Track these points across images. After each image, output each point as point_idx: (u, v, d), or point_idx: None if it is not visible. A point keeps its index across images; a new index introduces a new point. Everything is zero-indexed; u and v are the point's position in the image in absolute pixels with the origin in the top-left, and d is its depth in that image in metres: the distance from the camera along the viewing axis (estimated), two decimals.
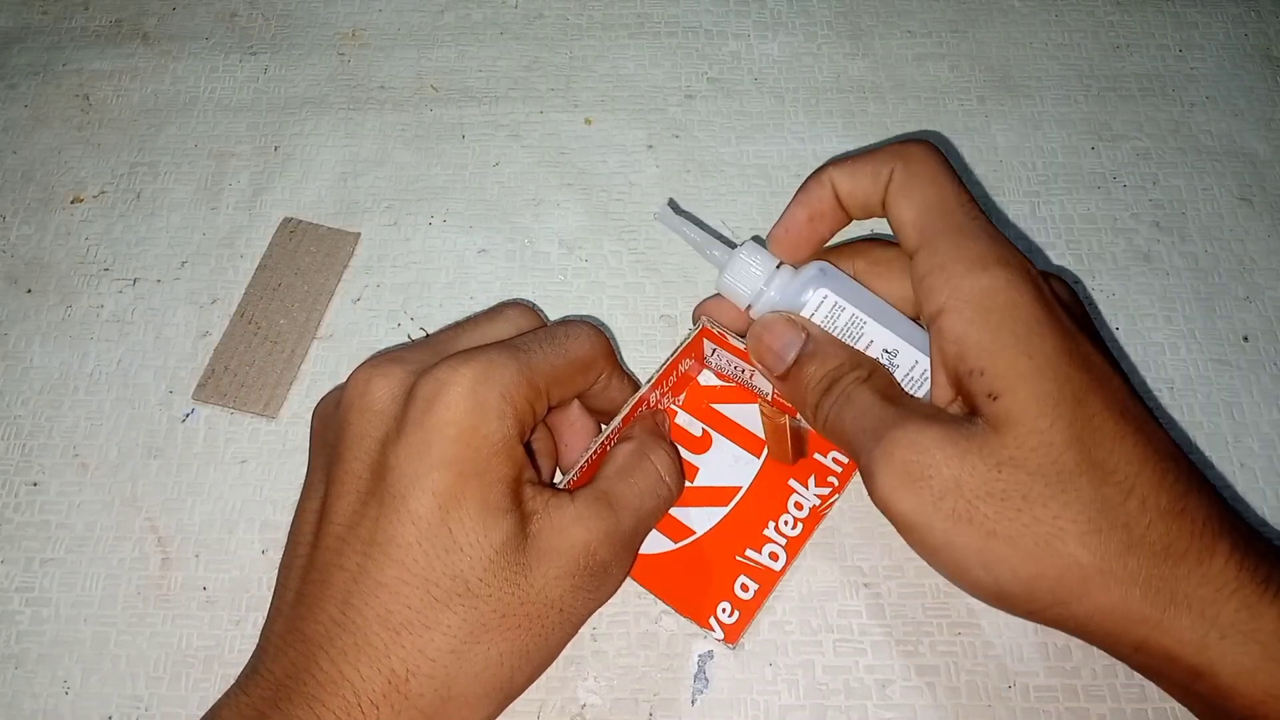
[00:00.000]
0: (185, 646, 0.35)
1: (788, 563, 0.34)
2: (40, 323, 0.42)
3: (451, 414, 0.27)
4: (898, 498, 0.27)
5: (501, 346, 0.30)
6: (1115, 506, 0.25)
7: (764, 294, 0.32)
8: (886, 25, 0.49)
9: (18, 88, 0.49)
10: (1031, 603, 0.26)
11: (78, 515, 0.38)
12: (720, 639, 0.33)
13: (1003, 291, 0.27)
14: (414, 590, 0.27)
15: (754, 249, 0.32)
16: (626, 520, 0.30)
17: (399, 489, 0.27)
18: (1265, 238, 0.43)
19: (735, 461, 0.36)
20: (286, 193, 0.45)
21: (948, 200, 0.29)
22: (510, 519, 0.28)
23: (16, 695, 0.34)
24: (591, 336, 0.32)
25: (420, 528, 0.27)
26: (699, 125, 0.47)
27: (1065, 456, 0.26)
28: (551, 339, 0.31)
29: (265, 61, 0.49)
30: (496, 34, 0.50)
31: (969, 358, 0.27)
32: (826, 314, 0.31)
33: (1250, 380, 0.40)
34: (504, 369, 0.28)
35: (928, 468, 0.26)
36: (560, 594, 0.28)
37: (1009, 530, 0.25)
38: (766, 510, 0.35)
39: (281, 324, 0.41)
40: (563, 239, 0.44)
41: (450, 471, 0.27)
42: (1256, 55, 0.48)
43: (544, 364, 0.30)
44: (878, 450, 0.27)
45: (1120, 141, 0.46)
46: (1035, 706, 0.33)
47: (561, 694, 0.34)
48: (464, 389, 0.28)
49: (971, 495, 0.26)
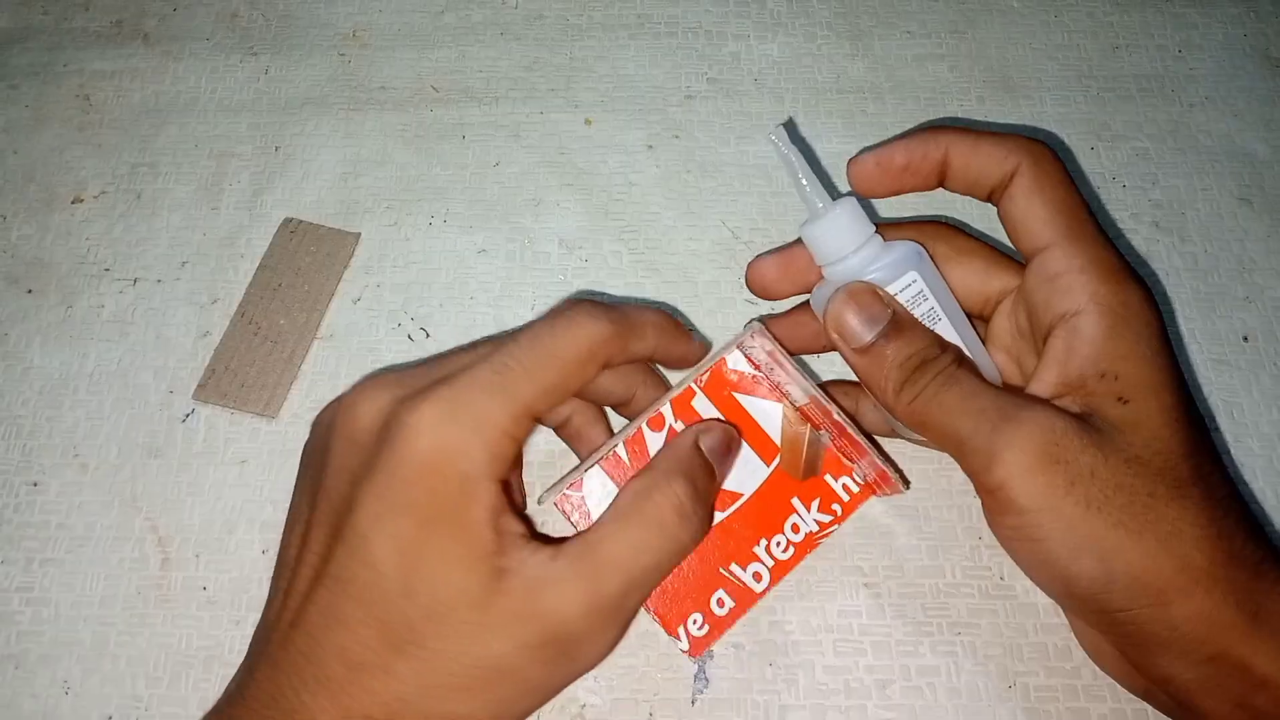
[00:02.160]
0: (185, 646, 0.35)
1: (769, 586, 0.33)
2: (40, 323, 0.42)
3: (414, 454, 0.26)
4: (1027, 479, 0.26)
5: (478, 368, 0.27)
6: (1220, 519, 0.27)
7: (848, 260, 0.30)
8: (886, 26, 0.49)
9: (18, 88, 0.49)
10: (1132, 599, 0.27)
11: (78, 515, 0.38)
12: (685, 649, 0.32)
13: (1140, 306, 0.28)
14: (371, 631, 0.26)
15: (855, 209, 0.30)
16: (612, 584, 0.27)
17: (363, 529, 0.26)
18: (1265, 238, 0.43)
19: (744, 465, 0.33)
20: (287, 193, 0.45)
21: (1078, 206, 0.29)
22: (475, 574, 0.26)
23: (16, 695, 0.34)
24: (583, 326, 0.29)
25: (379, 571, 0.26)
26: (699, 125, 0.47)
27: (1182, 466, 0.27)
28: (534, 344, 0.28)
29: (266, 62, 0.49)
30: (497, 34, 0.50)
31: (1103, 360, 0.28)
32: (908, 299, 0.30)
33: (1250, 380, 0.40)
34: (475, 398, 0.27)
35: (1066, 451, 0.26)
36: (522, 665, 0.26)
37: (1135, 524, 0.26)
38: (762, 527, 0.33)
39: (282, 324, 0.41)
40: (563, 239, 0.44)
41: (411, 518, 0.26)
42: (1256, 55, 0.48)
43: (525, 382, 0.27)
44: (1008, 430, 0.27)
45: (1120, 142, 0.46)
46: (1035, 706, 0.33)
47: (561, 694, 0.34)
48: (429, 425, 0.26)
49: (1105, 484, 0.26)
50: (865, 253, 0.30)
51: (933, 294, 0.30)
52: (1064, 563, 0.27)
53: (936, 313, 0.30)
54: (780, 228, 0.44)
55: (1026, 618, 0.35)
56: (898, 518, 0.37)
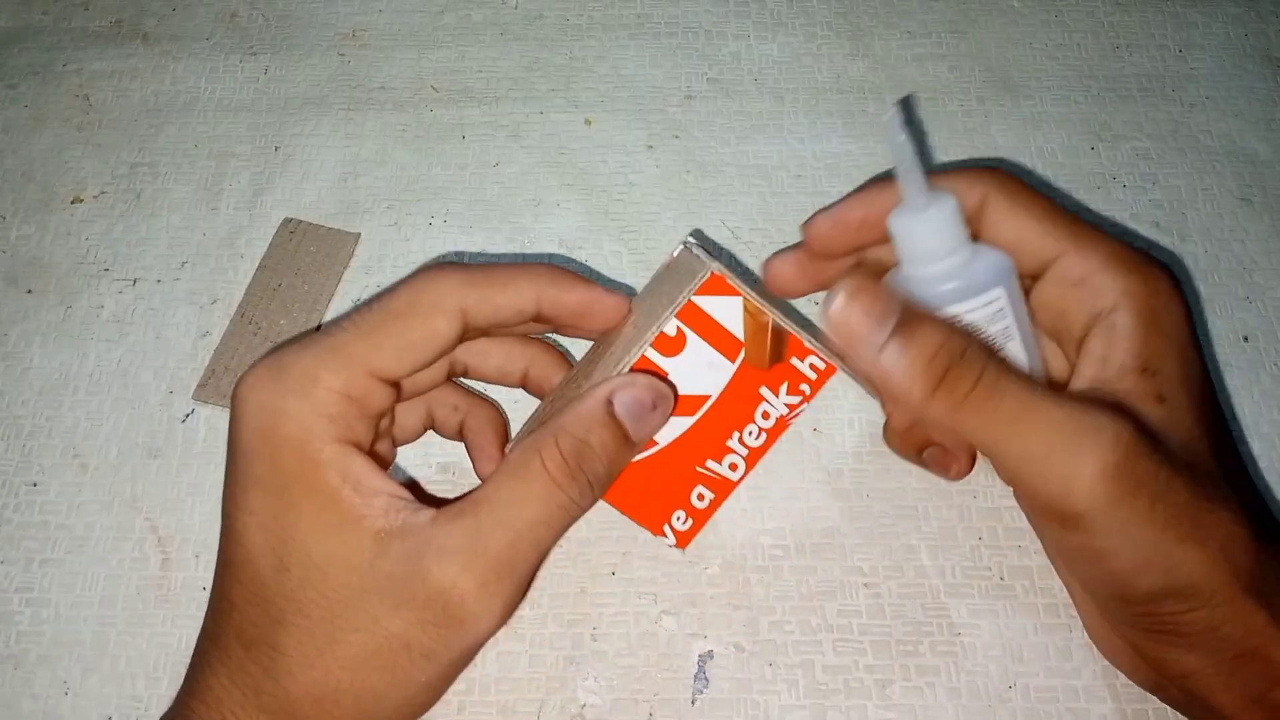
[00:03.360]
0: (185, 646, 0.35)
1: (745, 473, 0.33)
2: (40, 323, 0.42)
3: (247, 426, 0.26)
4: (1112, 508, 0.25)
5: (315, 336, 0.27)
6: (1252, 519, 0.27)
7: (935, 264, 0.27)
8: (886, 25, 0.49)
9: (18, 88, 0.49)
10: (1185, 603, 0.26)
11: (78, 515, 0.38)
12: (672, 544, 0.33)
13: (1169, 294, 0.28)
14: (257, 609, 0.26)
15: (954, 213, 0.27)
16: (496, 541, 0.25)
17: (229, 510, 0.26)
18: (1265, 238, 0.43)
19: (709, 368, 0.31)
20: (287, 193, 0.45)
21: (1064, 212, 0.29)
22: (347, 538, 0.25)
23: (16, 695, 0.34)
24: (426, 279, 0.27)
25: (249, 549, 0.26)
26: (699, 125, 0.47)
27: (1212, 465, 0.27)
28: (375, 305, 0.27)
29: (265, 62, 0.49)
30: (496, 34, 0.50)
31: (1144, 355, 0.27)
32: (986, 316, 0.28)
33: (1250, 380, 0.40)
34: (300, 361, 0.26)
35: (1143, 471, 0.25)
36: (412, 633, 0.25)
37: (1200, 535, 0.26)
38: (733, 421, 0.32)
39: (282, 324, 0.41)
40: (563, 239, 0.44)
41: (260, 491, 0.25)
42: (1256, 55, 0.48)
43: (358, 341, 0.26)
44: (1086, 450, 0.25)
45: (1120, 142, 0.46)
46: (1035, 707, 0.33)
47: (561, 694, 0.34)
48: (254, 392, 0.26)
49: (1177, 499, 0.26)
50: (953, 260, 0.28)
51: (1012, 312, 0.28)
52: (1127, 576, 0.27)
53: (1010, 332, 0.28)
54: (780, 227, 0.43)
55: (1026, 618, 0.35)
56: (898, 518, 0.37)
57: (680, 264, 0.31)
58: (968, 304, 0.28)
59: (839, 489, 0.37)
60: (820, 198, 0.44)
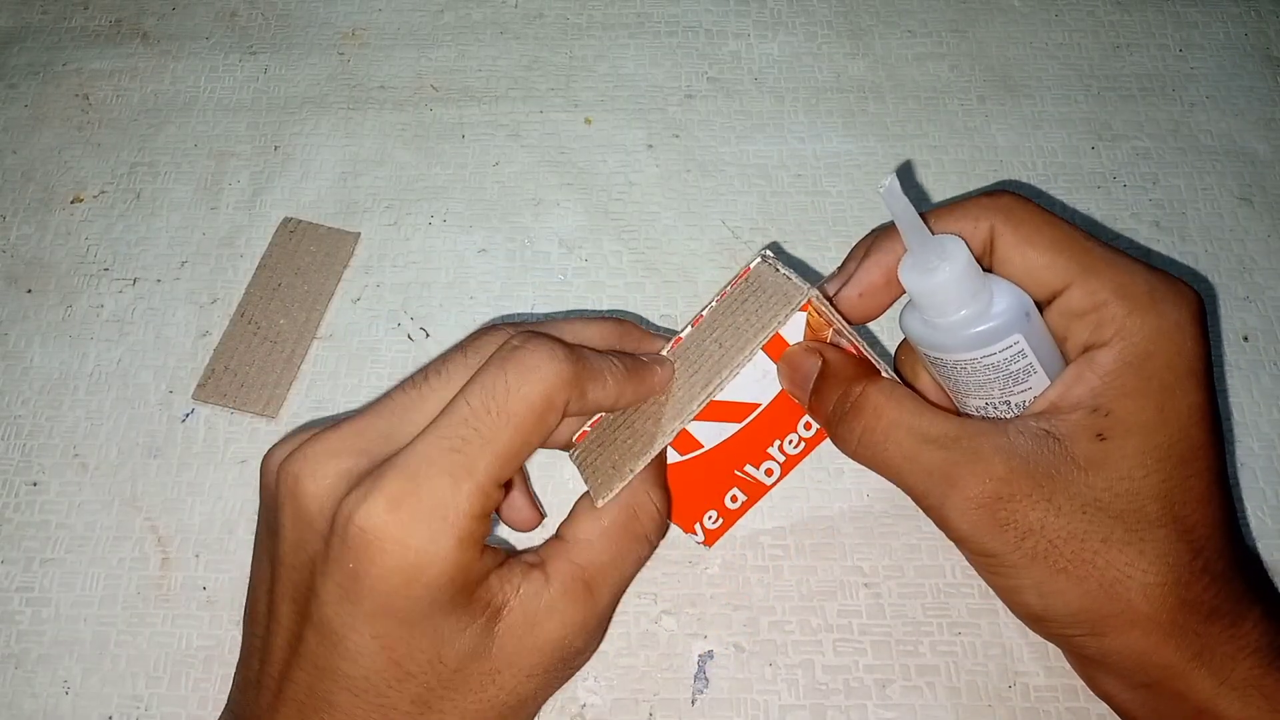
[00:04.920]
0: (185, 646, 0.35)
1: (780, 478, 0.33)
2: (40, 323, 0.42)
3: (380, 561, 0.24)
4: (981, 538, 0.27)
5: (431, 443, 0.25)
6: (1184, 564, 0.26)
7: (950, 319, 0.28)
8: (886, 25, 0.49)
9: (18, 88, 0.49)
10: (1067, 628, 0.27)
11: (78, 515, 0.38)
12: (700, 540, 0.33)
13: (1171, 333, 0.27)
14: (370, 712, 0.25)
15: (967, 266, 0.27)
16: (605, 599, 0.28)
17: (335, 626, 0.25)
18: (1265, 238, 0.43)
19: (762, 376, 0.31)
20: (286, 193, 0.45)
21: (1076, 237, 0.28)
22: (469, 634, 0.25)
23: (16, 695, 0.34)
24: (538, 371, 0.26)
25: (364, 665, 0.25)
26: (699, 125, 0.47)
27: (1150, 507, 0.26)
28: (489, 402, 0.25)
29: (265, 61, 0.49)
30: (496, 34, 0.50)
31: (1103, 395, 0.27)
32: (1007, 357, 0.28)
33: (1250, 380, 0.40)
34: (435, 487, 0.24)
35: (1013, 512, 0.26)
36: (533, 690, 0.27)
37: (1080, 571, 0.26)
38: (776, 429, 0.33)
39: (281, 324, 0.41)
40: (563, 239, 0.44)
41: (390, 619, 0.25)
42: (1256, 55, 0.48)
43: (485, 455, 0.25)
44: (954, 495, 0.27)
45: (1120, 141, 0.46)
46: (1035, 706, 0.33)
47: (561, 694, 0.34)
48: (390, 527, 0.24)
49: (1055, 535, 0.26)
50: (968, 312, 0.28)
51: (1033, 352, 0.28)
52: (1007, 591, 0.28)
53: (1032, 368, 0.29)
54: (780, 227, 0.43)
55: None
56: (898, 518, 0.37)
57: (765, 282, 0.30)
58: (987, 350, 0.28)
59: (839, 489, 0.37)
60: (820, 197, 0.44)
